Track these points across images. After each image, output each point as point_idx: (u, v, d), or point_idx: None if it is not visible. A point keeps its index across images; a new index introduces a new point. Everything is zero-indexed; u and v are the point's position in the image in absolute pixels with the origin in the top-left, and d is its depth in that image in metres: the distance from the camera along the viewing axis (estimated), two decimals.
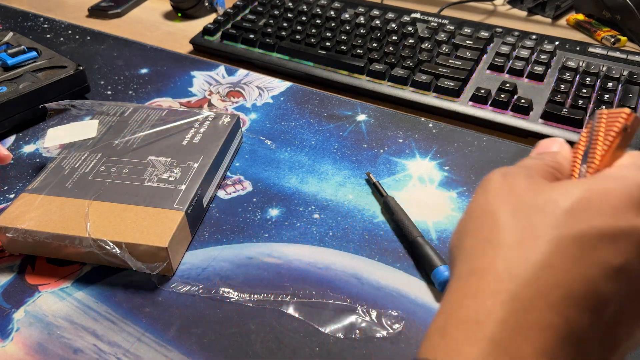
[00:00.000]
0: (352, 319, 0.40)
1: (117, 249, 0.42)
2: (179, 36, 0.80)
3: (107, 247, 0.42)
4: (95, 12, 0.85)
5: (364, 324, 0.40)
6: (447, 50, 0.66)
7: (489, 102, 0.60)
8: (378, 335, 0.39)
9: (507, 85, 0.60)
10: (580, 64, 0.63)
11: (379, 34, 0.69)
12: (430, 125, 0.59)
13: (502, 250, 0.24)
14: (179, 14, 0.85)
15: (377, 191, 0.50)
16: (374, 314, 0.40)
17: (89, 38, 0.78)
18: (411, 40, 0.68)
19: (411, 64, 0.64)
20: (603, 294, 0.22)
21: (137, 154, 0.51)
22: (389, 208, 0.48)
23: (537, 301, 0.22)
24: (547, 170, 0.27)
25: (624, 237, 0.23)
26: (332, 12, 0.74)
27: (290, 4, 0.76)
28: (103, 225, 0.43)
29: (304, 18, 0.73)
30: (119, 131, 0.54)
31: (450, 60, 0.65)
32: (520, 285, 0.22)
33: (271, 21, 0.74)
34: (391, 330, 0.39)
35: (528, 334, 0.21)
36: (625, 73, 0.61)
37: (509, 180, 0.26)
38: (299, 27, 0.72)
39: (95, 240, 0.42)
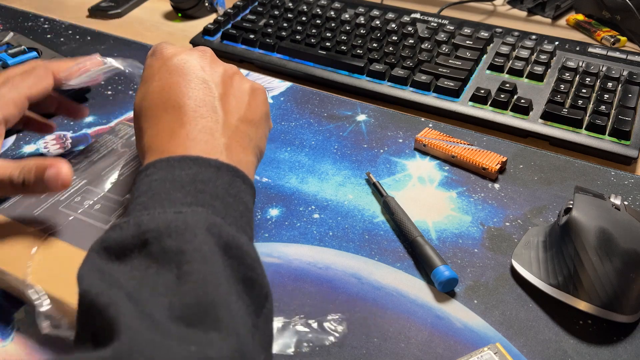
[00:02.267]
0: (295, 333, 0.39)
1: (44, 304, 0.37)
2: (179, 36, 0.80)
3: (35, 298, 0.37)
4: (95, 12, 0.85)
5: (310, 335, 0.38)
6: (447, 50, 0.66)
7: (489, 102, 0.60)
8: (327, 342, 0.38)
9: (507, 85, 0.60)
10: (580, 64, 0.63)
11: (379, 34, 0.70)
12: (430, 125, 0.59)
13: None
14: (179, 14, 0.85)
15: (377, 191, 0.50)
16: (314, 323, 0.39)
17: (89, 38, 0.78)
18: (411, 41, 0.68)
19: (411, 64, 0.65)
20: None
21: (119, 189, 0.46)
22: (389, 208, 0.48)
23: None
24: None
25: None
26: (332, 12, 0.74)
27: (290, 4, 0.76)
28: (45, 269, 0.38)
29: (304, 18, 0.73)
30: (116, 157, 0.49)
31: (450, 60, 0.65)
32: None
33: (271, 21, 0.74)
34: (337, 334, 0.38)
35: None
36: (625, 73, 0.61)
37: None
38: (299, 27, 0.72)
39: (26, 286, 0.37)
